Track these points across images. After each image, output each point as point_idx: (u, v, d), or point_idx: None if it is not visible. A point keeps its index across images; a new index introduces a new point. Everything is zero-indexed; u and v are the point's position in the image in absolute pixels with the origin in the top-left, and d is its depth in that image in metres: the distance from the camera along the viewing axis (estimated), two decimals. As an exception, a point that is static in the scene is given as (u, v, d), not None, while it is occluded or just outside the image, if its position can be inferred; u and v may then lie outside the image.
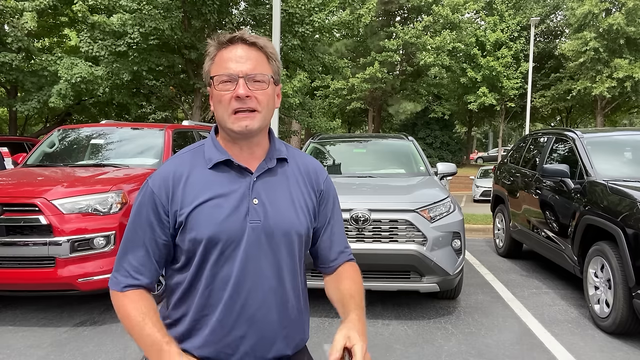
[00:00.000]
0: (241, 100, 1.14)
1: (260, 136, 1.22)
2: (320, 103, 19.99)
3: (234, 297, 1.17)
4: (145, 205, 1.19)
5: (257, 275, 1.18)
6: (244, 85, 1.14)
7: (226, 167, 1.20)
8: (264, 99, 1.17)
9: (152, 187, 1.19)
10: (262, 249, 1.18)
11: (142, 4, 11.73)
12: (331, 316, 4.20)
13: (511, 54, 27.66)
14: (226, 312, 1.17)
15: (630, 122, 39.15)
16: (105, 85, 12.70)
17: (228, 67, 1.15)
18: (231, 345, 1.18)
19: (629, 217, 3.64)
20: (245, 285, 1.17)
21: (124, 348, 3.51)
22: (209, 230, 1.15)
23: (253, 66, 1.15)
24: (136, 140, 5.66)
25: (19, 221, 3.83)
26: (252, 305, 1.18)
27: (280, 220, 1.19)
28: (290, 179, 1.25)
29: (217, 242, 1.15)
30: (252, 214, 1.17)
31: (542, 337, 3.81)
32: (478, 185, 19.27)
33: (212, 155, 1.21)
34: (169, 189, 1.18)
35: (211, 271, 1.17)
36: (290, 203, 1.23)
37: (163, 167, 1.23)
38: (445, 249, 4.07)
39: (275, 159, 1.24)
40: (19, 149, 8.59)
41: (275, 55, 1.21)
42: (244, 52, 1.16)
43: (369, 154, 6.09)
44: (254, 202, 1.18)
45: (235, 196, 1.17)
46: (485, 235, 8.42)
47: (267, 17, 13.88)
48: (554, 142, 5.66)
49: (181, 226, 1.17)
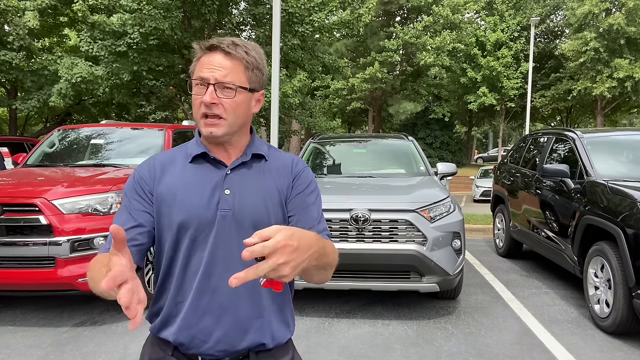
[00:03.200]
0: (207, 106, 1.20)
1: (235, 138, 1.28)
2: (320, 103, 19.99)
3: (203, 283, 1.21)
4: (130, 189, 1.27)
5: (227, 263, 1.21)
6: (212, 92, 1.19)
7: (203, 160, 1.28)
8: (230, 107, 1.22)
9: (137, 172, 1.29)
10: (232, 238, 1.22)
11: (142, 4, 11.72)
12: (331, 316, 4.20)
13: (511, 54, 27.64)
14: (197, 298, 1.21)
15: (630, 122, 39.14)
16: (105, 85, 12.70)
17: (202, 72, 1.21)
18: (204, 331, 1.21)
19: (629, 217, 3.64)
20: (215, 272, 1.21)
21: (124, 348, 3.52)
22: (180, 216, 1.21)
23: (224, 74, 1.20)
24: (136, 140, 5.67)
25: (19, 221, 3.83)
26: (222, 293, 1.21)
27: (250, 211, 1.23)
28: (265, 174, 1.30)
29: (187, 228, 1.21)
30: (222, 203, 1.22)
31: (542, 337, 3.81)
32: (478, 185, 19.27)
33: (192, 150, 1.29)
34: (151, 173, 1.27)
35: (184, 258, 1.22)
36: (262, 195, 1.26)
37: (147, 159, 1.33)
38: (445, 249, 4.07)
39: (251, 154, 1.29)
40: (19, 149, 8.59)
41: (254, 64, 1.25)
42: (220, 60, 1.21)
43: (368, 154, 6.09)
44: (226, 193, 1.23)
45: (208, 186, 1.24)
46: (485, 235, 8.42)
47: (267, 16, 13.87)
48: (554, 142, 5.66)
49: (158, 211, 1.24)
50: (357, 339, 3.74)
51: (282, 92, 12.59)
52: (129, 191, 1.28)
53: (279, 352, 1.29)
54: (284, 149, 25.77)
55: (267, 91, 12.61)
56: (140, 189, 1.26)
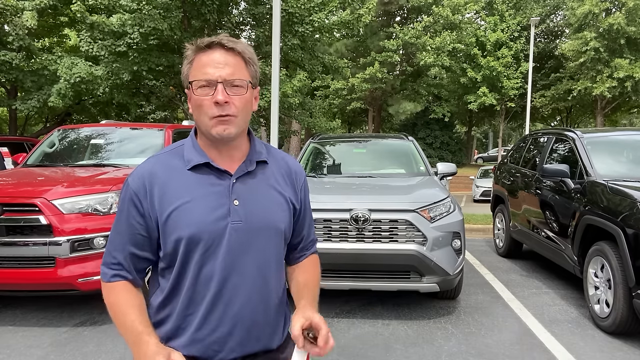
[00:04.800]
0: (220, 106, 1.16)
1: (239, 140, 1.25)
2: (320, 103, 19.96)
3: (217, 295, 1.19)
4: (125, 202, 1.23)
5: (241, 274, 1.20)
6: (223, 91, 1.15)
7: (206, 168, 1.22)
8: (242, 105, 1.19)
9: (131, 185, 1.23)
10: (245, 248, 1.20)
11: (141, 4, 11.71)
12: (331, 316, 4.20)
13: (511, 54, 27.64)
14: (211, 310, 1.19)
15: (630, 122, 39.13)
16: (105, 85, 12.69)
17: (207, 72, 1.16)
18: (218, 342, 1.20)
19: (629, 217, 3.64)
20: (229, 283, 1.19)
21: (124, 348, 3.51)
22: (189, 230, 1.17)
23: (232, 71, 1.17)
24: (136, 140, 5.67)
25: (19, 221, 3.82)
26: (237, 303, 1.20)
27: (262, 219, 1.22)
28: (270, 179, 1.28)
29: (198, 241, 1.17)
30: (233, 215, 1.19)
31: (542, 337, 3.81)
32: (478, 185, 19.27)
33: (191, 157, 1.23)
34: (145, 187, 1.20)
35: (194, 271, 1.19)
36: (271, 202, 1.25)
37: (140, 165, 1.26)
38: (445, 249, 4.06)
39: (255, 162, 1.26)
40: (19, 149, 8.58)
41: (253, 59, 1.23)
42: (223, 57, 1.17)
43: (368, 154, 6.09)
44: (235, 203, 1.20)
45: (215, 197, 1.19)
46: (485, 235, 8.42)
47: (267, 16, 13.86)
48: (554, 142, 5.66)
49: (163, 228, 1.19)
50: (357, 339, 3.74)
51: (282, 92, 12.58)
52: (123, 208, 1.23)
53: (281, 348, 1.32)
54: (284, 149, 25.75)
55: (267, 91, 12.62)
56: (134, 205, 1.21)
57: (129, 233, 1.22)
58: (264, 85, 12.14)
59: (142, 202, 1.20)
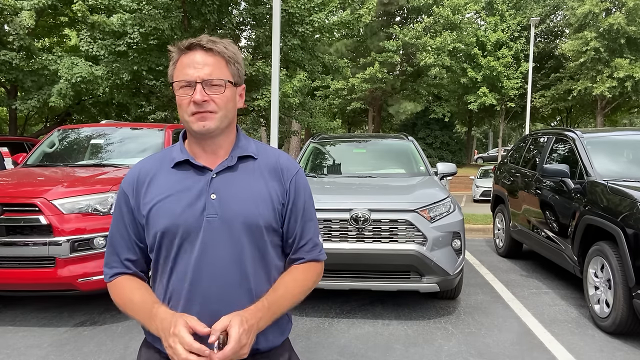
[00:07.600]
0: (198, 104, 1.19)
1: (222, 137, 1.27)
2: (320, 103, 19.93)
3: (192, 289, 1.21)
4: (119, 205, 1.29)
5: (216, 268, 1.20)
6: (201, 90, 1.19)
7: (188, 165, 1.26)
8: (222, 102, 1.22)
9: (123, 187, 1.29)
10: (221, 242, 1.21)
11: (142, 4, 11.72)
12: (331, 316, 4.20)
13: (511, 54, 27.67)
14: (188, 303, 1.21)
15: (630, 122, 39.14)
16: (105, 85, 12.69)
17: (186, 73, 1.20)
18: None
19: (629, 217, 3.64)
20: (203, 278, 1.20)
21: (124, 348, 3.52)
22: (164, 223, 1.21)
23: (210, 71, 1.20)
24: (136, 140, 5.67)
25: (19, 221, 3.82)
26: (212, 298, 1.20)
27: (238, 214, 1.22)
28: (254, 174, 1.28)
29: (174, 234, 1.21)
30: (208, 209, 1.21)
31: (542, 337, 3.81)
32: (478, 185, 19.27)
33: (174, 155, 1.28)
34: (135, 189, 1.27)
35: (171, 264, 1.23)
36: (251, 196, 1.25)
37: (132, 168, 1.32)
38: (445, 249, 4.07)
39: (237, 157, 1.28)
40: (19, 149, 8.58)
41: (234, 58, 1.25)
42: (202, 58, 1.21)
43: (368, 154, 6.09)
44: (212, 197, 1.22)
45: (193, 192, 1.23)
46: (485, 235, 8.42)
47: (267, 16, 13.86)
48: (554, 142, 5.66)
49: (146, 223, 1.24)
50: (357, 339, 3.74)
51: (282, 92, 12.58)
52: (117, 210, 1.30)
53: (275, 353, 1.29)
54: (284, 149, 25.77)
55: (267, 91, 12.63)
56: (127, 207, 1.28)
57: (123, 231, 1.28)
58: (264, 85, 12.14)
59: (131, 200, 1.27)
